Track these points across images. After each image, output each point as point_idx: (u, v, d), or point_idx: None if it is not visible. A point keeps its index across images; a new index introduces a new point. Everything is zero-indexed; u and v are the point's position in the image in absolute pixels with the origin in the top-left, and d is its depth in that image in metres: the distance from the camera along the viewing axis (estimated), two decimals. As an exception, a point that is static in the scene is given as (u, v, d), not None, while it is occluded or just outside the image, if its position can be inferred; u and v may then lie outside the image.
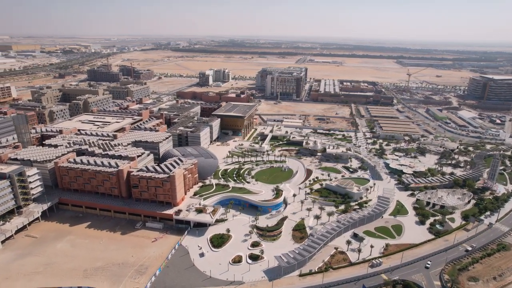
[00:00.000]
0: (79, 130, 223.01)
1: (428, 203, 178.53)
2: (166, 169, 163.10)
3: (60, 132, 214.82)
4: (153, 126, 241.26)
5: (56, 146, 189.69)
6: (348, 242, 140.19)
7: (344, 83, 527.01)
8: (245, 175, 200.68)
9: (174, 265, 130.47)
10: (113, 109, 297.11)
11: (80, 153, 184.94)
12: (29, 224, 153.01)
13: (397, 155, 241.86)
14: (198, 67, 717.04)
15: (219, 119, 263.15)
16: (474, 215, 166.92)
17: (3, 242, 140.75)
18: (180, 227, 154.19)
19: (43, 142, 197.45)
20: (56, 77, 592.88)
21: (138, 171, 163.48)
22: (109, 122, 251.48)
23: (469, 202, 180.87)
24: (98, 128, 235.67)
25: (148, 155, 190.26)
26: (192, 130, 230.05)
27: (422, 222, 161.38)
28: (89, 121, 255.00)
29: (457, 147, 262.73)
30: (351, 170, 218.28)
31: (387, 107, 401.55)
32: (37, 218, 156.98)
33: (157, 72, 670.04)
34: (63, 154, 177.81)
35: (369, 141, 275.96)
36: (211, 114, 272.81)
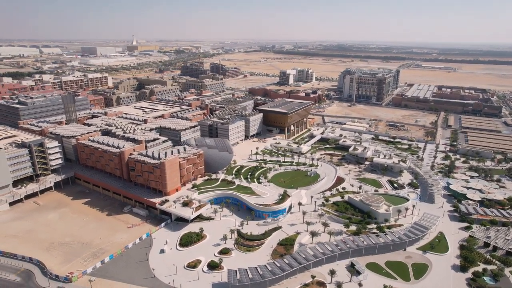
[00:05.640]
0: (123, 113, 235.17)
1: (486, 244, 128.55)
2: (162, 156, 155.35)
3: (105, 114, 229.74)
4: (193, 115, 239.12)
5: (89, 125, 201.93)
6: (332, 272, 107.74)
7: (443, 89, 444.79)
8: (260, 175, 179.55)
9: (129, 255, 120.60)
10: (171, 98, 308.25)
11: (105, 133, 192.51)
12: (42, 192, 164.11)
13: (469, 175, 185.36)
14: (290, 68, 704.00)
15: (261, 114, 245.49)
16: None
17: (12, 204, 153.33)
18: (163, 217, 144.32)
19: (84, 121, 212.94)
20: (157, 72, 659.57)
21: (137, 154, 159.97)
22: (156, 109, 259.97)
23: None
24: (144, 113, 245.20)
25: (165, 141, 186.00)
26: (223, 122, 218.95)
27: (463, 268, 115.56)
28: (141, 107, 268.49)
29: None
30: (395, 185, 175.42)
31: (490, 119, 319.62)
32: (51, 188, 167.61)
33: (245, 71, 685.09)
34: (88, 132, 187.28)
35: (442, 155, 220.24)
36: (254, 109, 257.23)
